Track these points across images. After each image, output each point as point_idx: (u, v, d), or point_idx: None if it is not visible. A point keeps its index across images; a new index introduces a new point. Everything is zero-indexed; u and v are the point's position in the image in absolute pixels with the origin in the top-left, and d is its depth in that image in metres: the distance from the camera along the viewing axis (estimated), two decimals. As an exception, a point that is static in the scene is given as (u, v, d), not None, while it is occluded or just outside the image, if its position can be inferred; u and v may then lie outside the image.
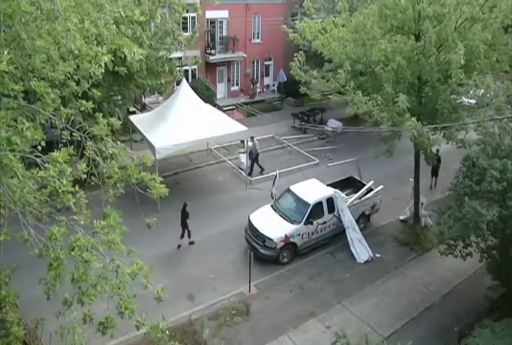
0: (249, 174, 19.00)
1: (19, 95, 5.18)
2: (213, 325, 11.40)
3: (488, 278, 12.11)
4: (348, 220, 14.28)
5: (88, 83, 6.18)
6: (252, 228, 13.99)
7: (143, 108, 23.70)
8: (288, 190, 14.86)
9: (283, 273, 13.48)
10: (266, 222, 13.91)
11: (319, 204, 14.07)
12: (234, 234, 14.96)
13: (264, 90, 29.65)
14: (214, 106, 21.86)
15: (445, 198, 16.55)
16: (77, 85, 6.25)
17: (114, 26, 6.38)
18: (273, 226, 13.72)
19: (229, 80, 27.95)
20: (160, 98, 23.94)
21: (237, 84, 28.53)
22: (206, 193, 17.63)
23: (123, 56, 5.47)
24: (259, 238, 13.65)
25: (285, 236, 13.43)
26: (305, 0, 15.84)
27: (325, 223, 14.26)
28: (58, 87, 5.87)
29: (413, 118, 10.99)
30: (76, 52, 5.29)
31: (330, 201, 14.29)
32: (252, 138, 19.14)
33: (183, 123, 16.23)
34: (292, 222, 13.79)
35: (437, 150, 14.82)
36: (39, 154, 4.94)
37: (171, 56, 16.68)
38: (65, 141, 5.60)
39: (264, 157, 20.34)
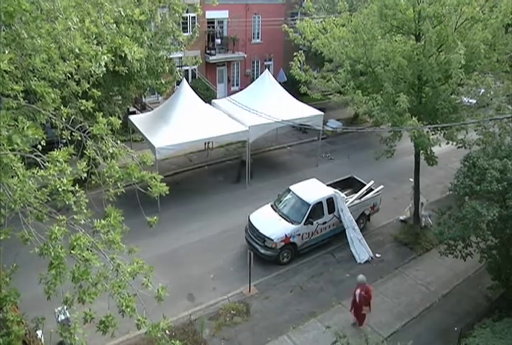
0: None
1: (19, 94, 5.18)
2: (213, 325, 11.40)
3: (488, 278, 12.10)
4: (348, 220, 14.27)
5: (89, 82, 6.18)
6: (252, 228, 13.98)
7: (143, 108, 23.70)
8: (288, 190, 14.85)
9: (283, 273, 13.46)
10: (266, 222, 13.89)
11: (319, 204, 14.06)
12: (234, 234, 14.96)
13: (264, 90, 29.63)
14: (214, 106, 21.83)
15: (445, 198, 16.60)
16: (77, 84, 6.26)
17: (114, 25, 6.40)
18: (273, 226, 13.71)
19: (229, 80, 27.96)
20: (160, 98, 23.97)
21: (237, 84, 28.54)
22: (206, 193, 17.64)
23: (123, 55, 5.46)
24: (259, 238, 13.64)
25: (285, 236, 13.42)
26: (305, 0, 15.85)
27: (325, 223, 14.26)
28: (58, 87, 5.87)
29: (414, 118, 11.00)
30: (77, 50, 5.29)
31: (330, 201, 14.27)
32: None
33: (183, 123, 16.25)
34: (292, 222, 13.78)
35: None
36: (40, 153, 4.94)
37: (171, 56, 16.69)
38: (65, 140, 5.60)
39: (264, 157, 20.34)
